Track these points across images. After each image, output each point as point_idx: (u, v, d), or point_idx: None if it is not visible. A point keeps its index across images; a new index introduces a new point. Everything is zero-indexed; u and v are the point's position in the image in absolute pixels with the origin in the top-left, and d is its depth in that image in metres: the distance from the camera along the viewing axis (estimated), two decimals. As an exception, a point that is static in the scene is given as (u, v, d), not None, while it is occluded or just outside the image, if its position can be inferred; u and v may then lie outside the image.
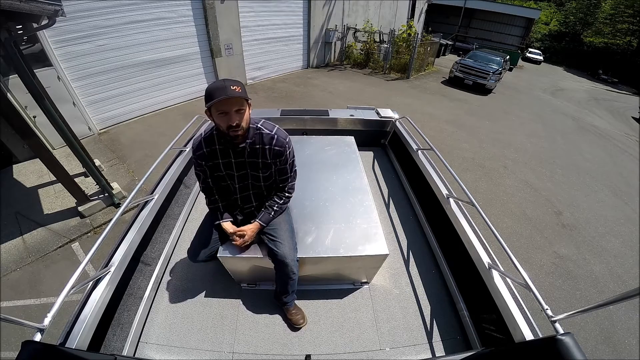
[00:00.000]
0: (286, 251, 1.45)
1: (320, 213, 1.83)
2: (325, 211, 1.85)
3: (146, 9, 6.36)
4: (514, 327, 1.26)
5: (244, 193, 1.53)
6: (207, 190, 1.54)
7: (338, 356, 1.53)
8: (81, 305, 1.24)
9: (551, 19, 30.69)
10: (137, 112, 7.12)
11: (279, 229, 1.54)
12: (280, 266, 1.47)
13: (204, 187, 1.53)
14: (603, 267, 4.13)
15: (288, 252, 1.46)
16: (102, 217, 4.21)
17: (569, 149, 7.97)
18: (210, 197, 1.55)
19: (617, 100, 16.71)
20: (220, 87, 1.12)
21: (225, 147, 1.35)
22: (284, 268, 1.46)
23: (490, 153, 6.94)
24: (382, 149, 3.33)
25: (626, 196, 6.03)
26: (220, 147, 1.36)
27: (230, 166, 1.41)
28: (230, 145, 1.33)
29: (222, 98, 1.10)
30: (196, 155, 1.39)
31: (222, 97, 1.10)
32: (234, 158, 1.38)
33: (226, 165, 1.40)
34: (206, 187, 1.52)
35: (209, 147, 1.36)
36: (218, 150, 1.36)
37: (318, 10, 11.01)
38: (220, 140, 1.34)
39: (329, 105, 5.63)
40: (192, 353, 1.52)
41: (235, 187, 1.49)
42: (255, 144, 1.35)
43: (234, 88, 1.12)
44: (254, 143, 1.35)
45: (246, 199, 1.56)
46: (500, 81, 12.89)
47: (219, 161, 1.39)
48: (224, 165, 1.40)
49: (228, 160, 1.39)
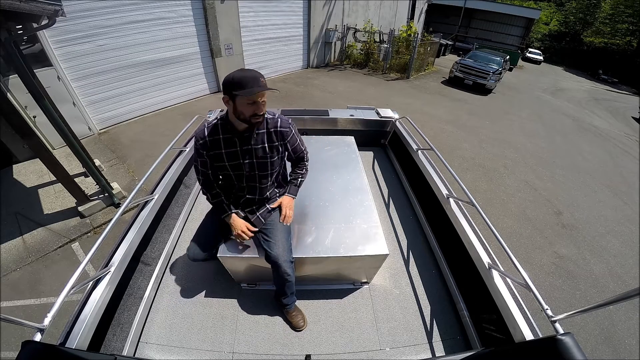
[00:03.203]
0: (279, 252, 1.45)
1: (320, 213, 1.83)
2: (325, 211, 1.85)
3: (146, 9, 6.36)
4: (514, 327, 1.26)
5: (250, 183, 1.51)
6: (207, 184, 1.51)
7: (338, 356, 1.53)
8: (81, 305, 1.24)
9: (551, 19, 30.69)
10: (137, 112, 7.12)
11: (274, 230, 1.53)
12: (274, 267, 1.47)
13: (203, 181, 1.50)
14: (603, 267, 4.13)
15: (281, 253, 1.45)
16: (102, 217, 4.21)
17: (569, 149, 7.97)
18: (212, 190, 1.52)
19: (617, 100, 16.70)
20: (252, 78, 1.17)
21: (230, 136, 1.35)
22: (277, 269, 1.46)
23: (490, 153, 6.94)
24: (382, 149, 3.33)
25: (626, 196, 6.03)
26: (224, 137, 1.35)
27: (236, 156, 1.39)
28: (237, 134, 1.34)
29: (257, 90, 1.16)
30: (199, 145, 1.37)
31: (256, 88, 1.16)
32: (241, 146, 1.37)
33: (231, 155, 1.39)
34: (206, 180, 1.49)
35: (212, 136, 1.36)
36: (222, 140, 1.36)
37: (318, 10, 11.01)
38: (226, 129, 1.34)
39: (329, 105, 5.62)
40: (192, 353, 1.52)
41: (243, 176, 1.47)
42: (261, 129, 1.38)
43: (262, 80, 1.19)
44: (259, 129, 1.38)
45: (251, 189, 1.53)
46: (500, 81, 12.89)
47: (221, 151, 1.38)
48: (229, 155, 1.39)
49: (234, 149, 1.38)
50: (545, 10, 29.76)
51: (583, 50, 27.37)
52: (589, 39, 27.51)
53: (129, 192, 1.79)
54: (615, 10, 26.27)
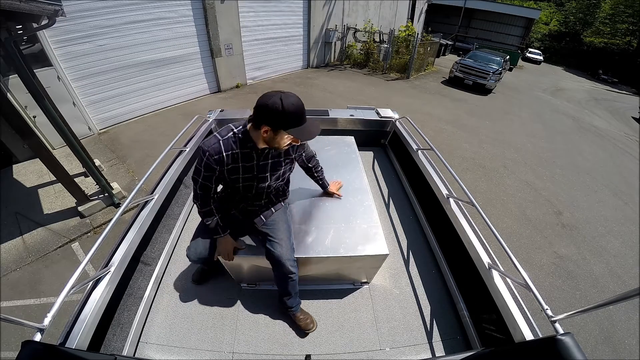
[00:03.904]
0: (283, 251, 1.44)
1: (320, 213, 1.83)
2: (325, 211, 1.85)
3: (146, 9, 6.36)
4: (514, 327, 1.26)
5: (259, 192, 1.49)
6: (205, 199, 1.41)
7: (338, 356, 1.53)
8: (81, 305, 1.24)
9: (551, 19, 30.70)
10: (137, 112, 7.12)
11: (277, 229, 1.52)
12: (277, 266, 1.46)
13: (202, 195, 1.38)
14: (603, 267, 4.13)
15: (285, 252, 1.44)
16: (102, 217, 4.21)
17: (569, 149, 7.98)
18: (207, 206, 1.43)
19: (617, 100, 16.71)
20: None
21: (249, 151, 1.30)
22: (281, 268, 1.45)
23: (490, 153, 6.94)
24: (382, 149, 3.33)
25: (626, 196, 6.04)
26: (242, 152, 1.29)
27: (252, 169, 1.36)
28: (256, 150, 1.30)
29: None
30: (212, 160, 1.25)
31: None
32: (258, 161, 1.34)
33: (247, 169, 1.35)
34: (205, 195, 1.40)
35: (229, 151, 1.27)
36: (240, 154, 1.29)
37: (318, 10, 11.01)
38: (245, 145, 1.28)
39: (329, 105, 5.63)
40: (192, 353, 1.51)
41: (253, 187, 1.44)
42: None
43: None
44: None
45: (258, 197, 1.52)
46: (500, 81, 12.90)
47: (238, 165, 1.32)
48: (244, 169, 1.35)
49: (250, 164, 1.34)
50: (545, 10, 29.79)
51: (583, 50, 27.37)
52: (589, 39, 27.52)
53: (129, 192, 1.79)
54: (615, 10, 26.29)
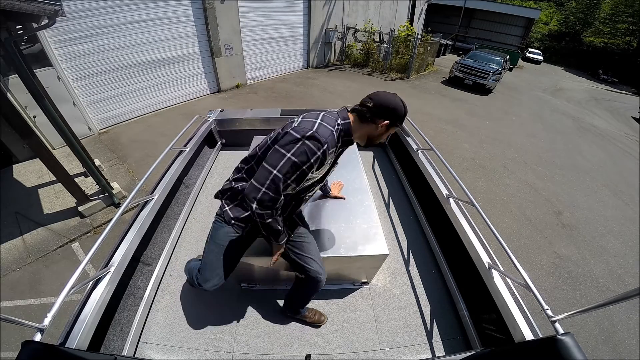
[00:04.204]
0: (317, 267, 1.40)
1: (320, 213, 1.83)
2: (325, 211, 1.85)
3: (146, 9, 6.36)
4: (514, 327, 1.26)
5: (309, 194, 1.41)
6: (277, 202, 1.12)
7: (338, 356, 1.53)
8: (81, 305, 1.24)
9: (551, 18, 30.70)
10: (137, 112, 7.12)
11: (306, 243, 1.43)
12: (311, 283, 1.41)
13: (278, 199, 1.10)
14: (603, 267, 4.13)
15: (319, 268, 1.40)
16: (102, 217, 4.21)
17: (569, 149, 7.97)
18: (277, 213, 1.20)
19: (617, 100, 16.71)
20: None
21: (342, 149, 1.27)
22: (315, 284, 1.41)
23: (490, 153, 6.94)
24: (382, 149, 3.33)
25: (626, 196, 6.03)
26: (338, 149, 1.24)
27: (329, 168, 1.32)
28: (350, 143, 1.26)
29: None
30: (328, 153, 1.09)
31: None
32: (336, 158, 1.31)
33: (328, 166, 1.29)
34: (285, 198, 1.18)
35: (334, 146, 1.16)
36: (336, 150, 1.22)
37: (318, 10, 11.00)
38: (342, 141, 1.21)
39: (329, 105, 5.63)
40: (192, 353, 1.52)
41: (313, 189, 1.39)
42: None
43: None
44: None
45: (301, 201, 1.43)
46: (500, 81, 12.89)
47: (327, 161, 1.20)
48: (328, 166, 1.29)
49: (332, 160, 1.28)
50: (545, 10, 29.79)
51: (583, 50, 27.37)
52: (589, 39, 27.52)
53: (129, 192, 1.79)
54: (615, 10, 26.27)
